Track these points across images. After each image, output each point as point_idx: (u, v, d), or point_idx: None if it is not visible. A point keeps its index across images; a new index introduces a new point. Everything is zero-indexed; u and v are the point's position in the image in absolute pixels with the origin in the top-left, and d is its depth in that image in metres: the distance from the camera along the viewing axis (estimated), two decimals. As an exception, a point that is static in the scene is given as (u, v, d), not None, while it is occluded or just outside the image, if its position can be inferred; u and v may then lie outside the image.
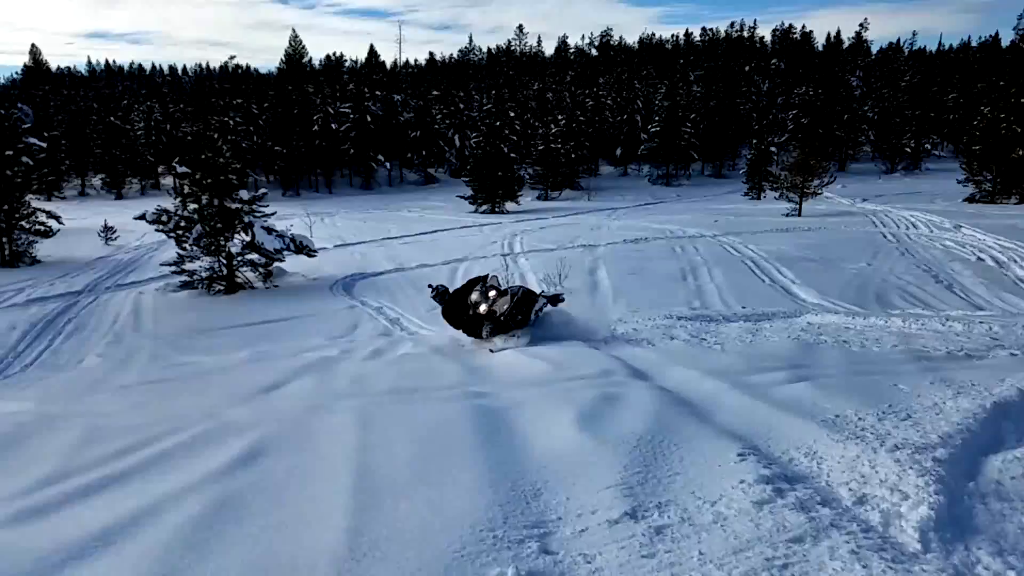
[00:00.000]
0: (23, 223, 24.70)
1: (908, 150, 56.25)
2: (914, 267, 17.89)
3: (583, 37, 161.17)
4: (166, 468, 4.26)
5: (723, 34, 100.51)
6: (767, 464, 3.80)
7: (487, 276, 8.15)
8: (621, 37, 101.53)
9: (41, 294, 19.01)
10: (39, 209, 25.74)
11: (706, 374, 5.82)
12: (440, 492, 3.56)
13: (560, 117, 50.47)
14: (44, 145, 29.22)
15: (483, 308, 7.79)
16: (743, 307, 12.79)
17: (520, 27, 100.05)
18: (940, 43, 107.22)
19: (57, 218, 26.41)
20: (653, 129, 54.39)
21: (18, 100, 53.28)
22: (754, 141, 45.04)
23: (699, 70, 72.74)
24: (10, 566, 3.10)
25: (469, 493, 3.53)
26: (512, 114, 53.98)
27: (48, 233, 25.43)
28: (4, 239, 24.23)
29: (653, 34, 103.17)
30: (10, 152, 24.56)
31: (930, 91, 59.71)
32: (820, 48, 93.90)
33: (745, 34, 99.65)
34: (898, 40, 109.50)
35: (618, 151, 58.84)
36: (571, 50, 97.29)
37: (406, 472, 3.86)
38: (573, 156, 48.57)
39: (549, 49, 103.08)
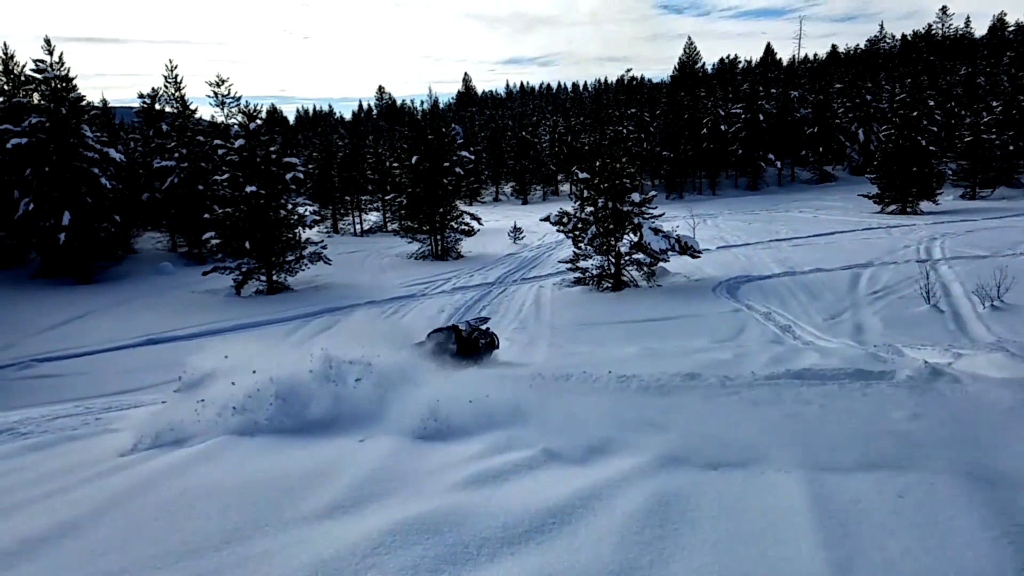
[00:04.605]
0: (452, 224, 29.13)
1: None
2: None
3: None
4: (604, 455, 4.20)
5: None
6: None
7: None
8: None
9: (463, 284, 22.08)
10: (465, 212, 30.11)
11: None
12: (935, 536, 2.85)
13: (995, 104, 42.15)
14: (472, 157, 34.11)
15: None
16: None
17: (943, 8, 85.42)
18: None
19: (478, 220, 30.63)
20: None
21: (452, 121, 63.29)
22: None
23: None
24: (483, 528, 3.24)
25: (977, 544, 2.73)
26: (931, 103, 46.64)
27: (470, 232, 29.66)
28: (438, 236, 28.85)
29: None
30: (447, 164, 29.14)
31: None
32: None
33: None
34: None
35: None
36: (1009, 28, 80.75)
37: (876, 504, 3.18)
38: (1011, 148, 40.24)
39: (980, 30, 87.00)
